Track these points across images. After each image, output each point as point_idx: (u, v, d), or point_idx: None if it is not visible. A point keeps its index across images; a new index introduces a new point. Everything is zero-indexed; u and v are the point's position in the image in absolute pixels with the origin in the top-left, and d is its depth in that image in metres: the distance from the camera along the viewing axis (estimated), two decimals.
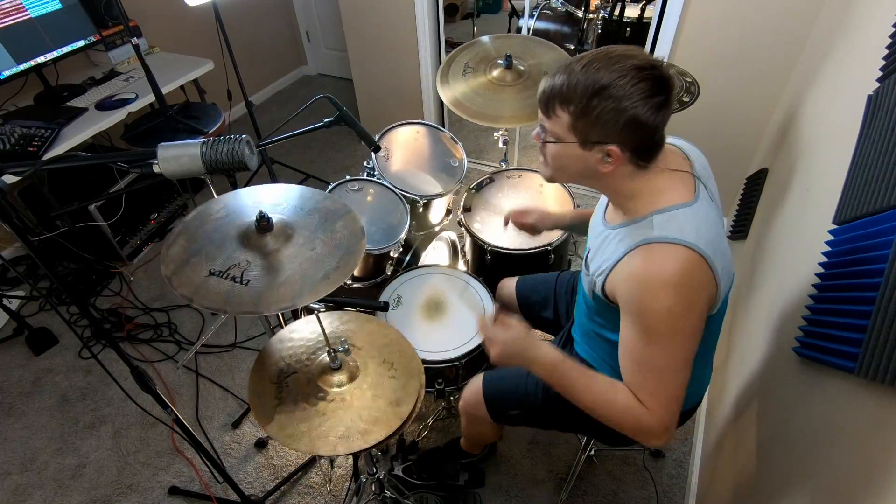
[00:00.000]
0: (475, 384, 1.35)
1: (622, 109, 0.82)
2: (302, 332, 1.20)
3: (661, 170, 0.92)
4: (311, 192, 1.16)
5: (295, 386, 1.08)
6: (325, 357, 1.12)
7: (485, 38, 1.89)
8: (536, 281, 1.54)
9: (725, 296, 0.93)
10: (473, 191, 1.92)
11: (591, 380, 0.96)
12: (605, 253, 0.98)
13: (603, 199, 1.12)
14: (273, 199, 1.14)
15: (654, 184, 0.92)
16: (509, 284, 1.58)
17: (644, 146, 0.88)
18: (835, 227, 1.02)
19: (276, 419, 1.02)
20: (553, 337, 1.51)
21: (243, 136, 0.86)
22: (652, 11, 2.34)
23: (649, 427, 0.89)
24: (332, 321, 1.24)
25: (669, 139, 1.02)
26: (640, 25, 2.91)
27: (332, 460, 1.79)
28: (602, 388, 0.95)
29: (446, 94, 1.77)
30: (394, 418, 1.04)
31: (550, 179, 1.00)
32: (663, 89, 0.83)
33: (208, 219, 1.07)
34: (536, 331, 1.66)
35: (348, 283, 1.75)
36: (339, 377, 1.10)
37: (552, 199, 1.87)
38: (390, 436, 1.02)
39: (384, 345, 1.19)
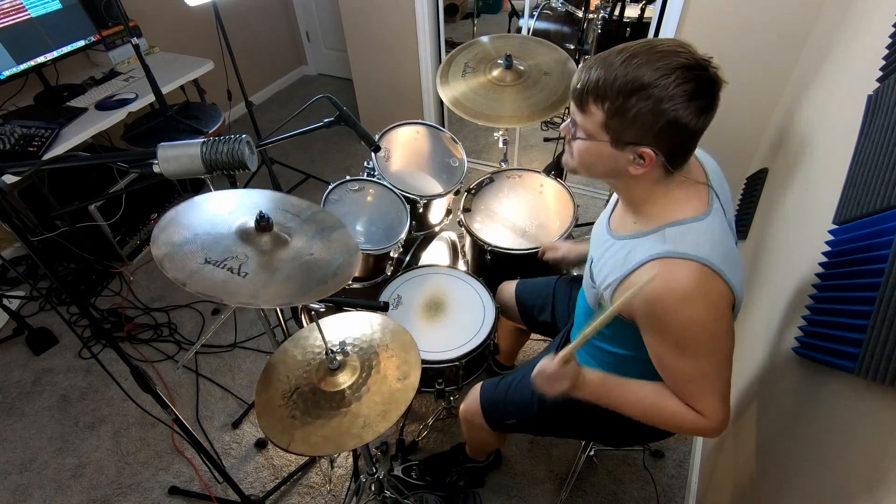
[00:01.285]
0: (473, 394, 1.36)
1: (662, 111, 0.77)
2: (292, 351, 1.21)
3: (683, 180, 0.89)
4: (307, 204, 1.17)
5: (303, 399, 1.09)
6: (324, 362, 1.12)
7: (484, 39, 1.89)
8: (536, 285, 1.54)
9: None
10: (473, 191, 1.92)
11: (637, 395, 0.96)
12: (610, 264, 0.95)
13: (608, 205, 1.10)
14: (267, 204, 1.14)
15: (674, 194, 0.89)
16: (509, 288, 1.59)
17: (679, 151, 0.84)
18: (835, 227, 1.02)
19: (297, 435, 1.02)
20: (550, 340, 1.51)
21: (243, 136, 0.86)
22: (652, 11, 2.34)
23: (706, 429, 0.91)
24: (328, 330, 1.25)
25: None
26: (640, 25, 2.91)
27: (332, 460, 1.79)
28: (651, 402, 0.95)
29: (446, 94, 1.77)
30: (407, 390, 1.06)
31: (574, 171, 0.95)
32: (709, 92, 0.78)
33: (201, 210, 1.04)
34: (534, 333, 1.67)
35: (348, 283, 1.75)
36: (342, 376, 1.10)
37: (552, 199, 1.87)
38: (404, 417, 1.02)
39: (374, 332, 1.21)
